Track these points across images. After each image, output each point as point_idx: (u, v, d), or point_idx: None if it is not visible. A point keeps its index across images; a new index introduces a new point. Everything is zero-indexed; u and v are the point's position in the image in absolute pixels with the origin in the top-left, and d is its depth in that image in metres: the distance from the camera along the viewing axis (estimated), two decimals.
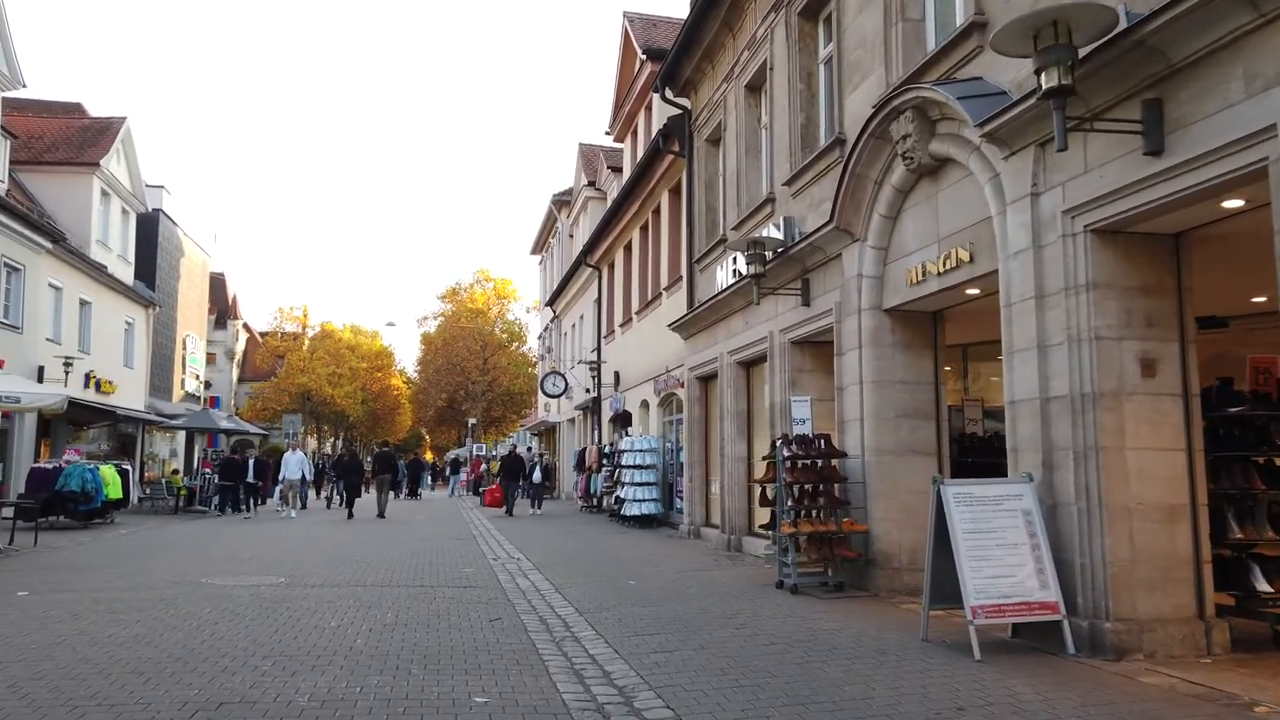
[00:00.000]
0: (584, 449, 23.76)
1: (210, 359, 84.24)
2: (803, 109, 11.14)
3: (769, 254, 10.36)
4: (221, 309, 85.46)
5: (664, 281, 18.23)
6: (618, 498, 18.84)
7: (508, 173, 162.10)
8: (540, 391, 27.81)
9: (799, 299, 10.67)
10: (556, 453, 33.94)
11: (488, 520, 20.54)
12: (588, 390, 27.03)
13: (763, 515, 12.26)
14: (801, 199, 11.00)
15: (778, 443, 9.44)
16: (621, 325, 22.33)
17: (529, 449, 42.46)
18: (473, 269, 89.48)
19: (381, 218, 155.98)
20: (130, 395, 28.66)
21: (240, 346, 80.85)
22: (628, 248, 22.29)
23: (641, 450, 17.80)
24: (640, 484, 17.65)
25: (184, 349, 35.49)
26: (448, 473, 43.50)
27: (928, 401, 8.97)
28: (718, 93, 14.24)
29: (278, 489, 23.98)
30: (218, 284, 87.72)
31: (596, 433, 24.49)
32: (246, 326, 76.19)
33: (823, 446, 9.37)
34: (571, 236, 33.86)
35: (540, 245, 39.77)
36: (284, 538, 16.16)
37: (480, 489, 40.72)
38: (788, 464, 9.22)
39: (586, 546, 14.28)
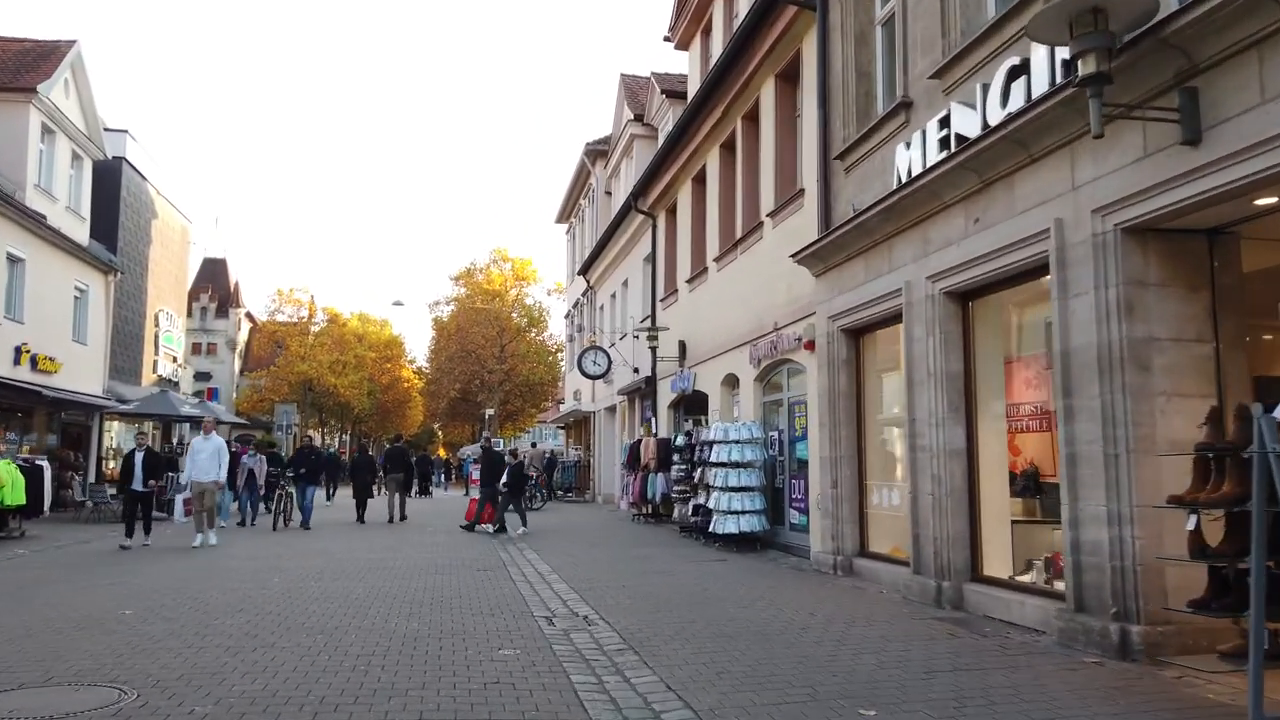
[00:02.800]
0: (638, 442, 18.62)
1: (212, 349, 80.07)
2: None
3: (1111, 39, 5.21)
4: (223, 297, 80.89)
5: (769, 205, 13.03)
6: (698, 507, 13.69)
7: (523, 149, 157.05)
8: (578, 371, 22.62)
9: (1149, 141, 5.49)
10: (592, 448, 28.81)
11: (506, 538, 15.43)
12: (635, 370, 21.87)
13: (1028, 547, 7.17)
14: None
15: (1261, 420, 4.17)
16: (690, 280, 17.15)
17: (508, 447, 37.37)
18: (488, 249, 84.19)
19: (390, 200, 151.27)
20: (82, 377, 23.69)
21: (243, 336, 76.26)
22: (699, 179, 17.09)
23: (738, 442, 12.61)
24: (736, 489, 12.47)
25: (156, 326, 30.52)
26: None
27: None
28: None
29: (181, 499, 17.45)
30: (219, 270, 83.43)
31: (652, 421, 19.33)
32: (250, 316, 71.51)
33: None
34: (609, 194, 28.69)
35: (568, 210, 34.58)
36: (218, 572, 11.07)
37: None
38: None
39: (683, 592, 9.10)
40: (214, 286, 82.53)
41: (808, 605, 8.11)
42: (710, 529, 12.68)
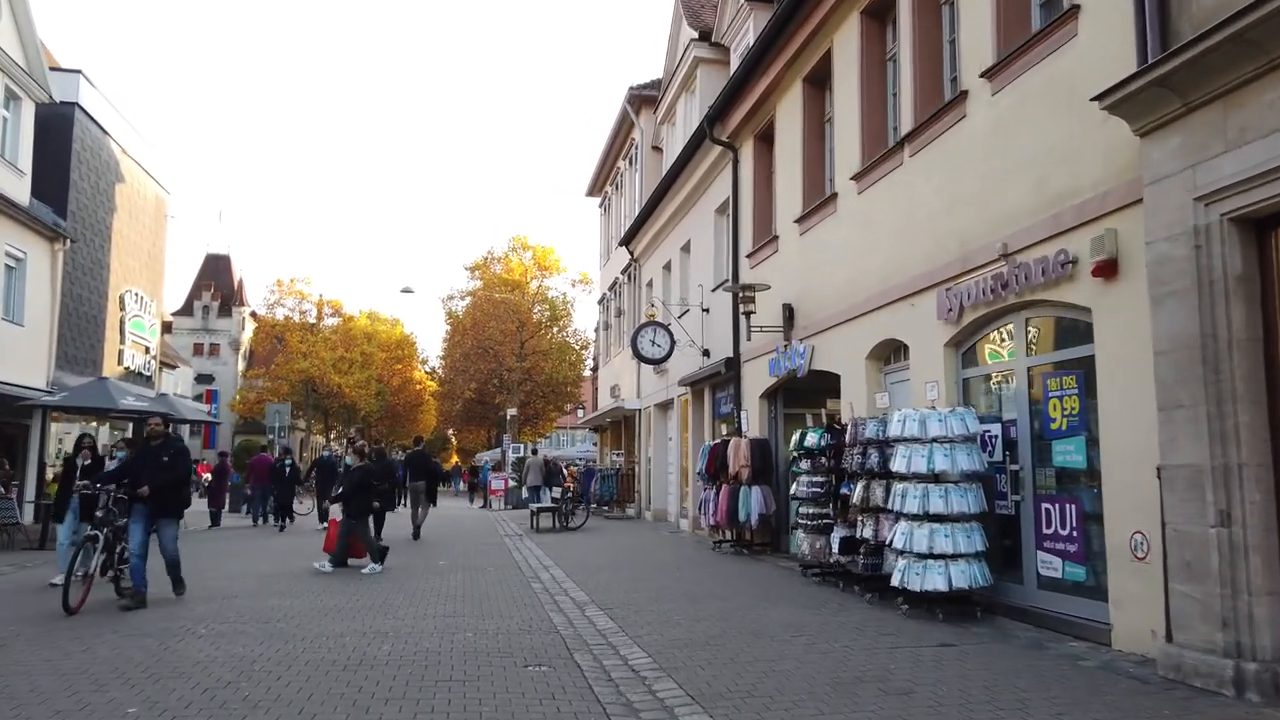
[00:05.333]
0: (723, 443, 13.72)
1: (214, 350, 75.73)
2: None
3: None
4: (226, 295, 76.63)
5: (984, 57, 8.11)
6: (852, 541, 8.82)
7: (537, 132, 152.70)
8: (633, 353, 17.80)
9: None
10: (637, 454, 23.94)
11: (558, 581, 10.60)
12: (705, 353, 17.02)
13: None
14: None
15: None
16: (804, 218, 12.30)
17: (529, 447, 32.47)
18: (505, 238, 79.12)
19: (399, 191, 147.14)
20: (14, 365, 19.08)
21: (248, 336, 71.84)
22: (815, 76, 12.26)
23: (943, 441, 7.66)
24: (941, 518, 7.55)
25: (122, 309, 25.87)
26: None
27: None
28: None
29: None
30: (222, 267, 79.23)
31: (743, 417, 14.45)
32: (255, 315, 67.06)
33: None
34: (658, 149, 23.90)
35: (603, 178, 29.77)
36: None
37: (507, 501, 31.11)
38: None
39: None
40: (216, 284, 78.21)
41: None
42: (897, 581, 7.77)
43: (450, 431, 68.66)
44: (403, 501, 18.39)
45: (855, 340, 10.65)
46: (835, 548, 9.27)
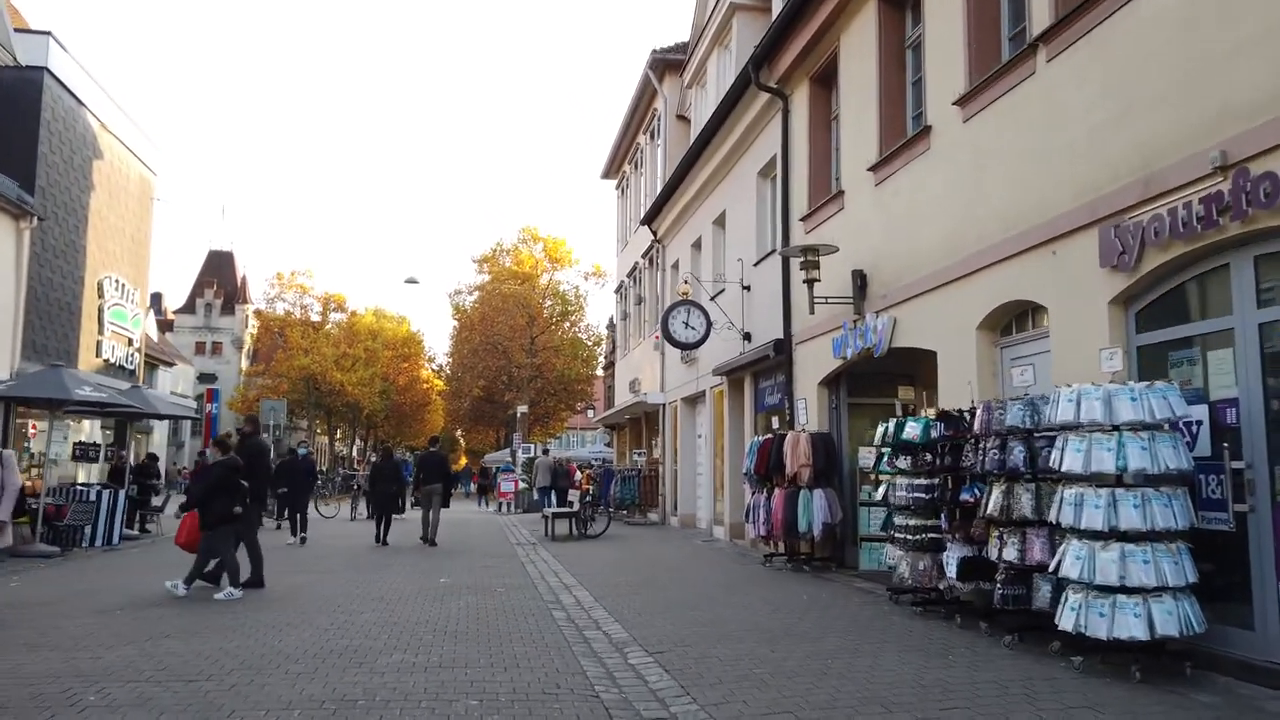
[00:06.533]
0: (779, 438, 11.52)
1: (217, 349, 73.82)
2: None
3: None
4: (229, 292, 74.77)
5: None
6: (1010, 567, 6.63)
7: (546, 122, 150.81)
8: (663, 336, 15.61)
9: None
10: (661, 453, 21.74)
11: (585, 608, 8.44)
12: (746, 336, 14.84)
13: None
14: None
15: None
16: (883, 164, 10.09)
17: (540, 446, 30.46)
18: (515, 229, 76.55)
19: (405, 185, 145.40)
20: None
21: (251, 333, 69.89)
22: None
23: (1136, 429, 5.46)
24: (1139, 537, 5.35)
25: (101, 296, 23.83)
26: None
27: None
28: None
29: None
30: (226, 264, 77.30)
31: (801, 407, 12.25)
32: (259, 313, 65.17)
33: None
34: (683, 118, 21.75)
35: (622, 156, 27.58)
36: None
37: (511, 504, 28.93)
38: None
39: None
40: (219, 281, 76.32)
41: None
42: (1070, 623, 5.57)
43: (459, 432, 66.63)
44: (412, 504, 16.47)
45: (959, 307, 8.46)
46: (952, 571, 7.07)
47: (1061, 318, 7.04)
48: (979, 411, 6.74)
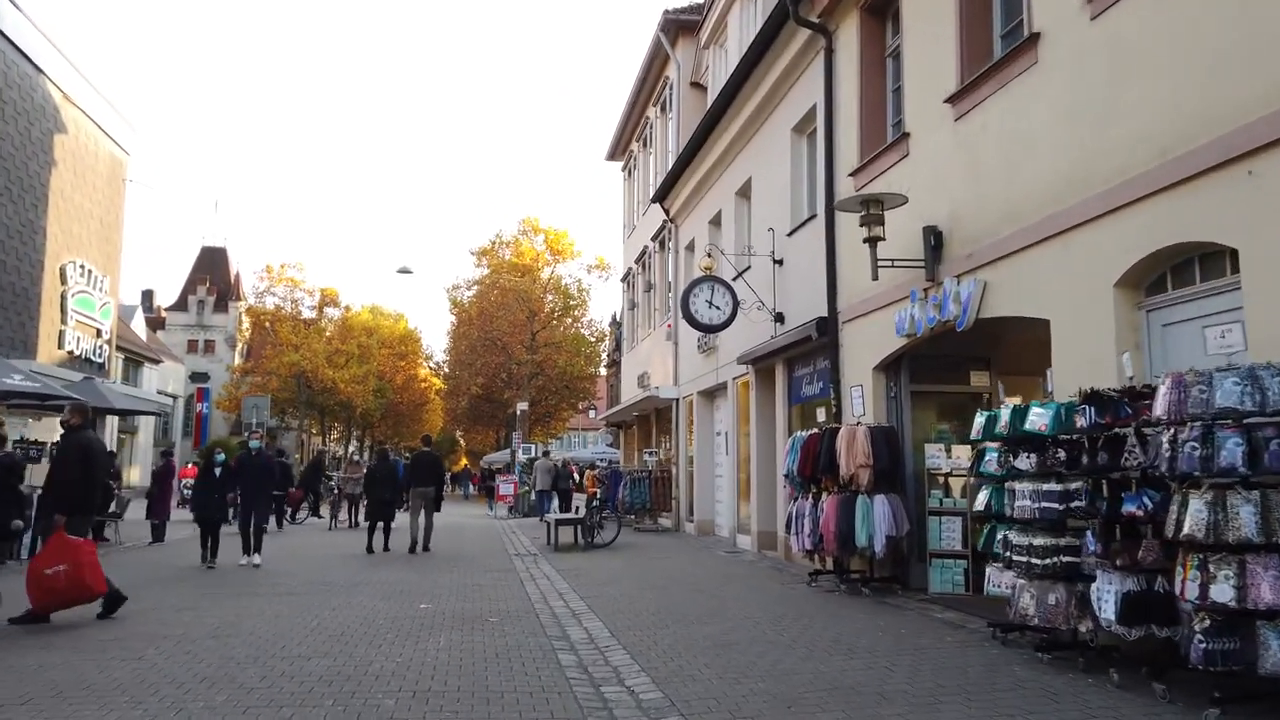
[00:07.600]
0: (829, 432, 9.56)
1: (210, 347, 71.78)
2: None
3: None
4: (222, 289, 72.65)
5: None
6: (1217, 609, 4.67)
7: (543, 111, 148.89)
8: (683, 318, 13.67)
9: None
10: (674, 452, 19.77)
11: (601, 648, 6.47)
12: (778, 318, 12.90)
13: None
14: None
15: None
16: (965, 92, 8.12)
17: (540, 449, 28.62)
18: (514, 221, 74.36)
19: (401, 180, 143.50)
20: None
21: (244, 330, 67.92)
22: None
23: None
24: None
25: (64, 283, 21.92)
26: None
27: None
28: None
29: None
30: (219, 260, 75.22)
31: (858, 397, 10.28)
32: (249, 309, 63.32)
33: None
34: (698, 85, 19.85)
35: (629, 133, 25.60)
36: None
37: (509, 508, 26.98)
38: None
39: None
40: (212, 278, 74.19)
41: None
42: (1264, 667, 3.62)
43: (459, 432, 64.71)
44: (403, 508, 14.62)
45: (1087, 261, 6.51)
46: (1109, 611, 5.12)
47: (1260, 263, 5.09)
48: (1164, 389, 4.77)
